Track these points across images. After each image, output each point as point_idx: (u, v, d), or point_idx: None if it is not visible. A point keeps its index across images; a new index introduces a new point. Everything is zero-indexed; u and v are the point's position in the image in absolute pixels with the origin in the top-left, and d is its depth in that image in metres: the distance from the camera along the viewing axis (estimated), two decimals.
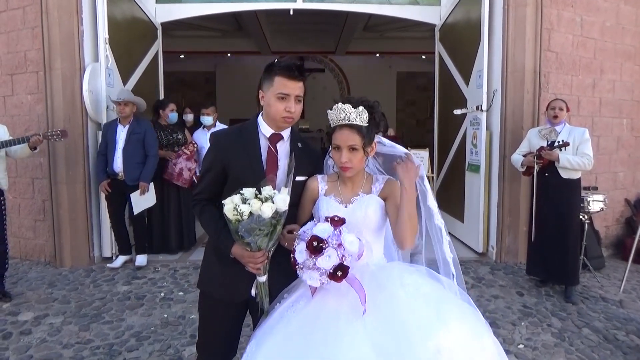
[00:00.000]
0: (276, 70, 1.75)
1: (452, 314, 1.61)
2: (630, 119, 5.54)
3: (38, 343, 3.12)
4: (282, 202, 1.60)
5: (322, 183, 1.87)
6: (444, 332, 1.53)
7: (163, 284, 4.19)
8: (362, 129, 1.74)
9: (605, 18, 5.16)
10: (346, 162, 1.73)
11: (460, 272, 1.92)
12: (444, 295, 1.72)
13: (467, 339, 1.56)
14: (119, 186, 4.47)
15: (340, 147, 1.74)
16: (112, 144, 4.45)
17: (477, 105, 4.84)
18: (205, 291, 1.95)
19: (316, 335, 1.56)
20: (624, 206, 5.58)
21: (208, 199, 1.85)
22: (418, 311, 1.59)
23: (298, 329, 1.61)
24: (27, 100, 4.87)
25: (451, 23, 5.56)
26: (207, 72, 11.84)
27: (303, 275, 1.60)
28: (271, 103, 1.76)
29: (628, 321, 3.51)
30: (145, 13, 5.39)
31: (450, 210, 5.74)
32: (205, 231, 1.93)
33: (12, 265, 4.52)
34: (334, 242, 1.56)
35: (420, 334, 1.52)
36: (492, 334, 1.67)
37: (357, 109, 1.73)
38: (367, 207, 1.76)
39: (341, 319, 1.58)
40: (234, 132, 1.88)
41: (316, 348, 1.52)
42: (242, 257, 1.71)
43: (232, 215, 1.61)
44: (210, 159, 1.83)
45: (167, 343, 3.12)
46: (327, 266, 1.54)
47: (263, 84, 1.80)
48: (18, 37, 4.85)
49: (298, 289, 1.76)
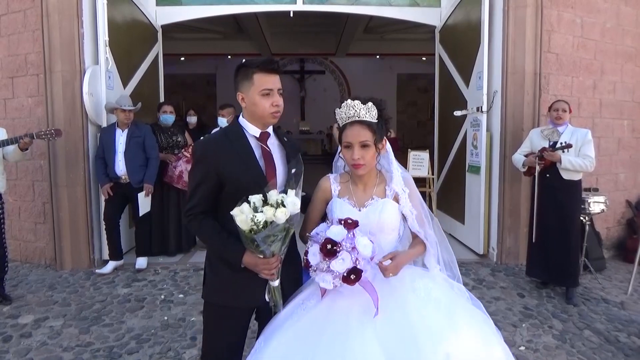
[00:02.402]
0: (253, 68, 1.72)
1: (463, 320, 1.60)
2: (631, 120, 5.53)
3: (38, 346, 3.12)
4: (294, 206, 1.57)
5: (335, 184, 1.84)
6: (453, 339, 1.52)
7: (163, 286, 4.19)
8: (373, 124, 1.73)
9: (606, 19, 5.15)
10: (359, 159, 1.71)
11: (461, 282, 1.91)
12: (455, 301, 1.71)
13: (477, 346, 1.55)
14: (121, 189, 4.47)
15: (352, 145, 1.71)
16: (111, 148, 4.44)
17: (478, 107, 4.84)
18: (213, 301, 1.85)
19: (325, 334, 1.56)
20: (625, 207, 5.57)
21: (203, 212, 1.75)
22: (428, 316, 1.58)
23: (307, 328, 1.61)
24: (27, 103, 4.88)
25: (451, 25, 5.57)
26: (207, 74, 11.88)
27: (316, 277, 1.59)
28: (256, 102, 1.73)
29: (630, 323, 3.50)
30: (146, 15, 5.40)
31: (451, 212, 5.74)
32: (206, 245, 1.88)
33: (12, 268, 4.52)
34: (348, 246, 1.56)
35: (429, 339, 1.51)
36: (502, 342, 1.66)
37: (366, 105, 1.73)
38: (382, 212, 1.73)
39: (352, 320, 1.58)
40: (219, 139, 1.81)
41: (325, 348, 1.52)
42: (255, 266, 1.66)
43: (247, 226, 1.55)
44: (202, 171, 1.73)
45: (168, 345, 3.11)
46: (340, 269, 1.53)
47: (241, 86, 1.76)
48: (19, 40, 4.86)
49: (309, 287, 1.75)
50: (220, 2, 5.68)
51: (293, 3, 5.68)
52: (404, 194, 1.78)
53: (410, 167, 6.01)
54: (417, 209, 1.80)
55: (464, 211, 5.27)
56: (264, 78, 1.71)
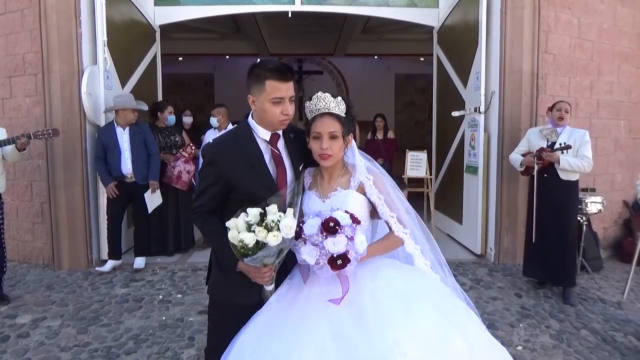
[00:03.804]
0: (266, 74, 1.70)
1: (422, 311, 1.59)
2: (628, 120, 5.55)
3: (36, 346, 3.12)
4: (289, 229, 1.54)
5: (308, 177, 1.89)
6: (408, 326, 1.52)
7: (161, 286, 4.19)
8: (342, 117, 1.77)
9: (603, 20, 5.17)
10: (326, 148, 1.73)
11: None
12: (419, 291, 1.68)
13: (433, 336, 1.52)
14: (126, 188, 4.47)
15: (321, 135, 1.74)
16: (115, 147, 4.43)
17: (475, 107, 4.85)
18: (217, 297, 1.90)
19: (286, 323, 1.62)
20: (622, 207, 5.59)
21: (210, 211, 1.81)
22: (383, 303, 1.60)
23: (272, 317, 1.67)
24: (25, 103, 4.87)
25: (449, 25, 5.58)
26: (205, 74, 11.84)
27: (301, 249, 1.59)
28: (266, 109, 1.73)
29: (626, 322, 3.52)
30: (144, 15, 5.40)
31: (449, 212, 5.75)
32: (208, 243, 1.92)
33: (10, 268, 4.52)
34: (348, 233, 1.58)
35: (379, 324, 1.53)
36: (471, 338, 1.58)
37: (336, 99, 1.78)
38: (343, 203, 1.74)
39: (309, 307, 1.62)
40: (229, 141, 1.83)
41: (279, 335, 1.58)
42: (248, 272, 1.70)
43: (236, 242, 1.56)
44: (211, 175, 1.77)
45: (166, 346, 3.11)
46: (332, 249, 1.55)
47: (252, 89, 1.76)
48: (16, 40, 4.85)
49: (286, 280, 1.79)
50: (218, 3, 5.67)
51: (291, 3, 5.68)
52: (368, 182, 1.78)
53: (408, 167, 6.02)
54: (385, 195, 1.79)
55: (462, 211, 5.28)
56: (277, 86, 1.71)
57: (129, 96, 4.61)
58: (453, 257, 4.88)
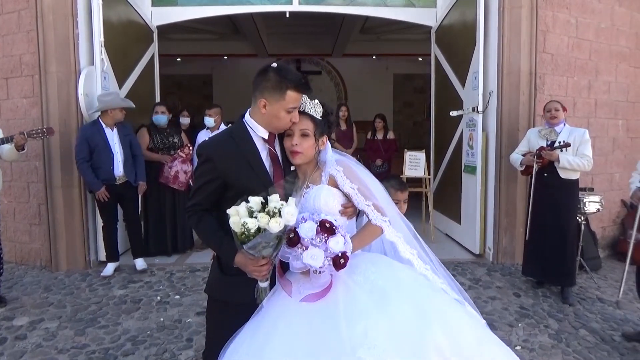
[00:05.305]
0: (289, 85, 1.71)
1: (397, 304, 1.58)
2: (625, 120, 5.56)
3: (33, 348, 3.10)
4: (290, 216, 1.55)
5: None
6: (380, 319, 1.52)
7: (159, 287, 4.18)
8: (315, 119, 1.78)
9: (600, 20, 5.18)
10: (296, 144, 1.74)
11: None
12: (398, 286, 1.66)
13: (407, 329, 1.51)
14: (116, 190, 4.39)
15: (292, 132, 1.76)
16: (105, 148, 4.29)
17: (473, 107, 4.85)
18: (216, 296, 1.91)
19: (264, 322, 1.65)
20: (620, 207, 5.59)
21: (204, 210, 1.80)
22: (356, 295, 1.61)
23: (260, 319, 1.69)
24: (22, 104, 4.85)
25: (447, 25, 5.58)
26: (204, 74, 11.82)
27: (302, 254, 1.58)
28: (280, 116, 1.74)
29: (625, 322, 3.52)
30: (141, 16, 5.38)
31: (447, 212, 5.75)
32: (203, 241, 1.91)
33: (7, 270, 4.51)
34: (342, 232, 1.61)
35: (349, 314, 1.54)
36: (456, 333, 1.54)
37: (313, 101, 1.79)
38: (316, 198, 1.74)
39: (290, 302, 1.65)
40: (225, 139, 1.82)
41: (257, 334, 1.62)
42: (245, 266, 1.67)
43: (238, 229, 1.56)
44: (207, 173, 1.76)
45: (164, 347, 3.10)
46: (336, 249, 1.56)
47: (268, 94, 1.73)
48: (13, 41, 4.83)
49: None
50: (216, 3, 5.66)
51: (289, 4, 5.68)
52: (338, 173, 1.77)
53: (406, 167, 6.01)
54: (358, 183, 1.77)
55: (460, 211, 5.28)
56: (296, 97, 1.74)
57: (115, 94, 4.54)
58: (451, 257, 4.88)
